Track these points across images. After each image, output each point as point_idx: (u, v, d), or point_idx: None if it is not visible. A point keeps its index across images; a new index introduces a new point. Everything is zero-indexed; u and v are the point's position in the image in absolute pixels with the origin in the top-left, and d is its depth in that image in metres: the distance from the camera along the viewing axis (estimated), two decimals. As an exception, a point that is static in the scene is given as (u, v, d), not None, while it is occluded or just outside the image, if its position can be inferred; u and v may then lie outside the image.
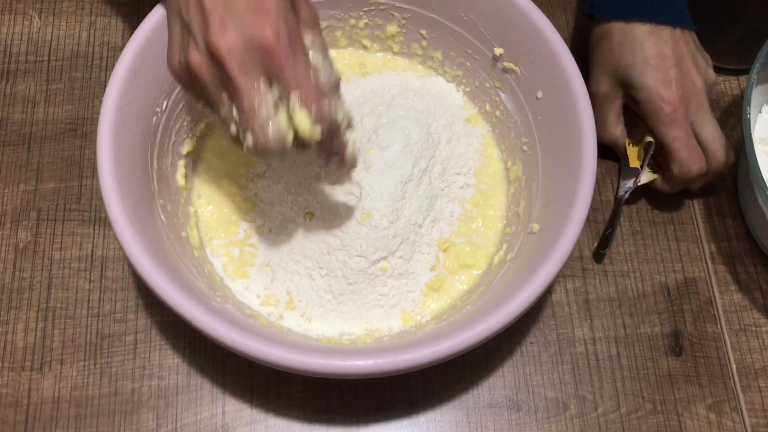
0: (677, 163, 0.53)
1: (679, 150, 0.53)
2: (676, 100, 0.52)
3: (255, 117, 0.38)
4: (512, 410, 0.52)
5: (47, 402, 0.51)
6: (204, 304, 0.42)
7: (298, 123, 0.39)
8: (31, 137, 0.59)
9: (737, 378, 0.54)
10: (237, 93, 0.38)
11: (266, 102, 0.38)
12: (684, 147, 0.53)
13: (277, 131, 0.39)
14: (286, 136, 0.40)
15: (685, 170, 0.53)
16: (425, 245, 0.52)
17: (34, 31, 0.63)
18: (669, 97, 0.52)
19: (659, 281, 0.56)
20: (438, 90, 0.59)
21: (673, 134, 0.53)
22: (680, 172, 0.54)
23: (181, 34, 0.40)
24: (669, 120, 0.52)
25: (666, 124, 0.53)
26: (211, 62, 0.38)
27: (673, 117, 0.52)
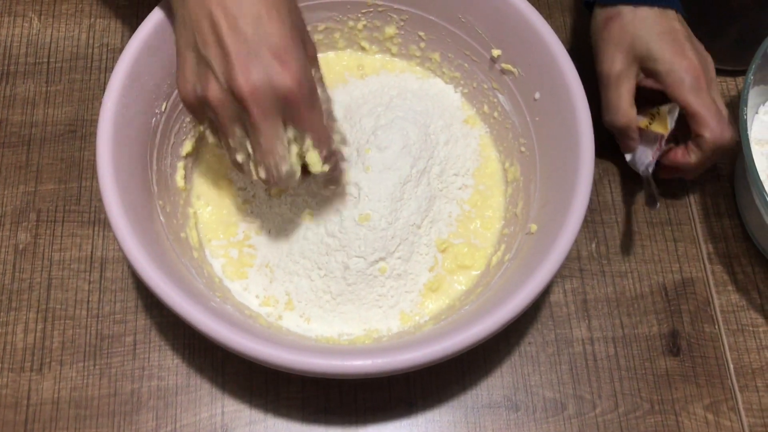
0: (710, 129, 0.51)
1: (710, 116, 0.51)
2: (698, 68, 0.52)
3: (271, 155, 0.42)
4: (510, 410, 0.52)
5: (47, 403, 0.51)
6: (203, 304, 0.42)
7: (311, 163, 0.44)
8: (30, 139, 0.59)
9: (735, 378, 0.54)
10: (256, 132, 0.41)
11: (282, 142, 0.42)
12: (715, 112, 0.51)
13: (290, 168, 0.43)
14: (296, 172, 0.44)
15: (718, 136, 0.51)
16: (424, 246, 0.53)
17: (34, 33, 0.63)
18: (691, 65, 0.51)
19: (657, 282, 0.57)
20: (436, 91, 0.59)
21: (701, 101, 0.51)
22: (713, 137, 0.51)
23: (197, 66, 0.41)
24: (695, 87, 0.51)
25: (692, 91, 0.51)
26: (230, 99, 0.40)
27: (698, 84, 0.51)
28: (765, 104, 0.58)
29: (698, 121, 0.52)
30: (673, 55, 0.52)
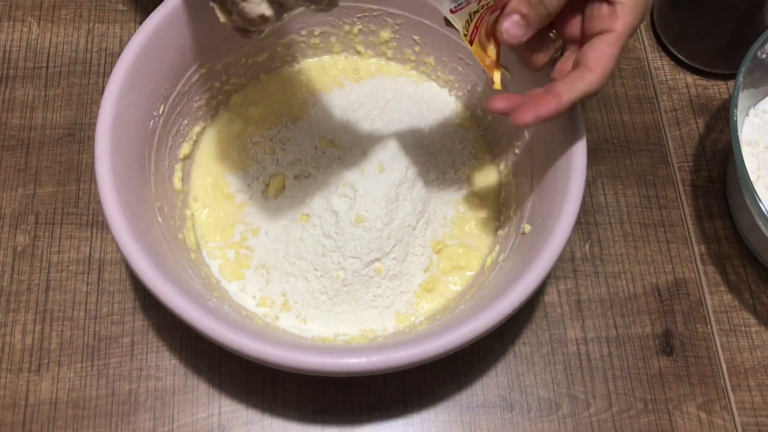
0: (600, 77, 0.41)
1: (610, 67, 0.41)
2: (642, 16, 0.41)
3: None
4: (505, 410, 0.53)
5: (45, 403, 0.51)
6: (200, 304, 0.43)
7: None
8: (29, 142, 0.60)
9: (727, 377, 0.54)
10: None
11: None
12: (614, 65, 0.41)
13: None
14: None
15: (600, 86, 0.41)
16: (419, 247, 0.53)
17: (33, 37, 0.64)
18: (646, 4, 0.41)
19: (650, 282, 0.57)
20: (431, 95, 0.59)
21: (619, 48, 0.41)
22: (597, 85, 0.41)
23: None
24: (629, 31, 0.41)
25: (625, 33, 0.41)
26: None
27: (631, 30, 0.41)
28: (755, 106, 0.59)
29: (602, 59, 0.41)
30: None
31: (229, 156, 0.56)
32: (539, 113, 0.40)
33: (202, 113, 0.56)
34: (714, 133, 0.63)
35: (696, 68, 0.65)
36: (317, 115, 0.57)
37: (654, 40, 0.67)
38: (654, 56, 0.66)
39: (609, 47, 0.40)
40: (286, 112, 0.58)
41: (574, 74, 0.41)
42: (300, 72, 0.60)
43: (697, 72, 0.65)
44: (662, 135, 0.63)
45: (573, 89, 0.40)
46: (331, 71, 0.60)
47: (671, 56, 0.66)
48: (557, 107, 0.40)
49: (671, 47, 0.66)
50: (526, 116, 0.40)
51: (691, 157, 0.62)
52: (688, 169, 0.62)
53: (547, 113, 0.40)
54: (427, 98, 0.59)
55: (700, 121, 0.63)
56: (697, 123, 0.63)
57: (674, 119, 0.63)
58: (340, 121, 0.57)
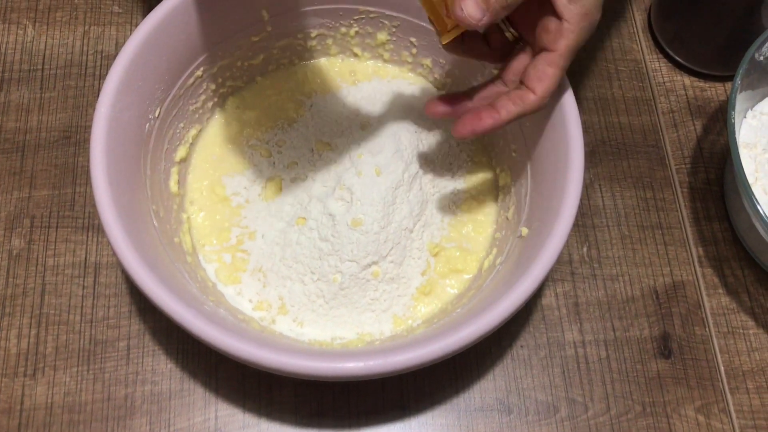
0: (543, 94, 0.42)
1: (555, 83, 0.42)
2: (591, 27, 0.42)
3: None
4: (503, 413, 0.52)
5: (40, 408, 0.51)
6: (196, 308, 0.42)
7: None
8: (24, 145, 0.59)
9: (725, 380, 0.54)
10: None
11: None
12: (558, 81, 0.42)
13: None
14: None
15: (541, 104, 0.42)
16: (416, 250, 0.53)
17: (28, 40, 0.64)
18: (593, 20, 0.41)
19: (648, 285, 0.57)
20: (428, 97, 0.59)
21: (565, 61, 0.41)
22: (539, 103, 0.42)
23: None
24: (577, 44, 0.41)
25: (572, 47, 0.41)
26: None
27: (579, 43, 0.41)
28: (752, 108, 0.59)
29: (543, 79, 0.42)
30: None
31: (226, 159, 0.56)
32: (475, 129, 0.43)
33: (198, 116, 0.56)
34: (711, 135, 0.63)
35: (693, 70, 0.65)
36: (314, 118, 0.57)
37: (651, 42, 0.67)
38: (651, 58, 0.66)
39: (550, 67, 0.41)
40: (282, 114, 0.58)
41: (515, 93, 0.43)
42: (296, 74, 0.60)
43: (695, 74, 0.65)
44: (660, 137, 0.63)
45: (513, 107, 0.43)
46: (328, 74, 0.60)
47: (669, 58, 0.66)
48: (494, 123, 0.43)
49: (668, 49, 0.65)
50: (464, 130, 0.44)
51: (688, 160, 0.62)
52: (685, 172, 0.61)
53: (483, 129, 0.43)
54: (425, 101, 0.59)
55: (698, 123, 0.63)
56: (695, 125, 0.63)
57: (672, 121, 0.63)
58: (337, 124, 0.57)
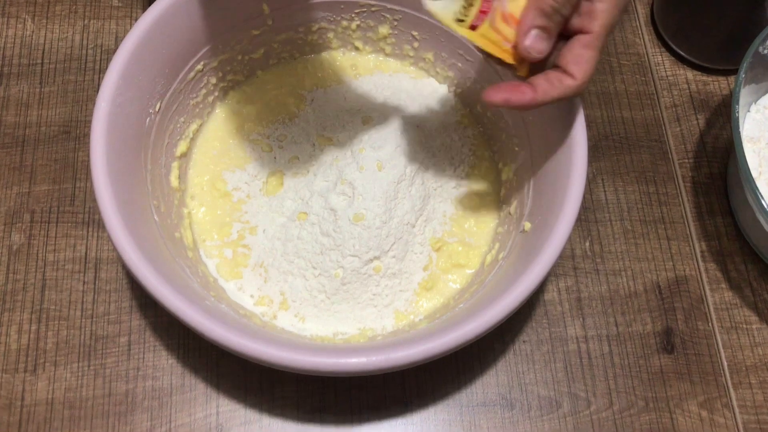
0: (583, 76, 0.40)
1: (592, 66, 0.40)
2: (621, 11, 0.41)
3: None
4: (505, 408, 0.52)
5: (41, 404, 0.51)
6: (198, 304, 0.42)
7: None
8: (24, 140, 0.59)
9: (728, 375, 0.54)
10: None
11: None
12: (595, 65, 0.41)
13: None
14: None
15: (581, 88, 0.41)
16: (418, 245, 0.53)
17: (28, 34, 0.63)
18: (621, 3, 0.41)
19: (651, 280, 0.57)
20: (430, 91, 0.59)
21: (601, 43, 0.40)
22: (578, 86, 0.40)
23: None
24: (610, 26, 0.41)
25: (606, 29, 0.40)
26: None
27: (611, 27, 0.41)
28: (756, 102, 0.59)
29: (582, 62, 0.40)
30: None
31: (226, 154, 0.56)
32: (510, 99, 0.40)
33: (198, 110, 0.55)
34: (715, 129, 0.62)
35: (696, 64, 0.65)
36: (315, 113, 0.57)
37: (654, 35, 0.67)
38: (654, 52, 0.66)
39: (586, 50, 0.40)
40: (283, 109, 0.57)
41: (553, 74, 0.40)
42: (297, 68, 0.59)
43: (698, 68, 0.65)
44: (662, 131, 0.62)
45: (551, 90, 0.40)
46: (329, 68, 0.60)
47: (671, 52, 0.66)
48: (529, 101, 0.40)
49: (671, 43, 0.65)
50: (496, 96, 0.40)
51: (691, 154, 0.62)
52: (688, 166, 0.61)
53: (517, 102, 0.40)
54: (426, 94, 0.59)
55: (701, 117, 0.63)
56: (698, 119, 0.63)
57: (675, 115, 0.63)
58: (339, 118, 0.56)
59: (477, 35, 0.40)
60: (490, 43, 0.40)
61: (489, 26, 0.39)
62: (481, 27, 0.39)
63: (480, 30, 0.39)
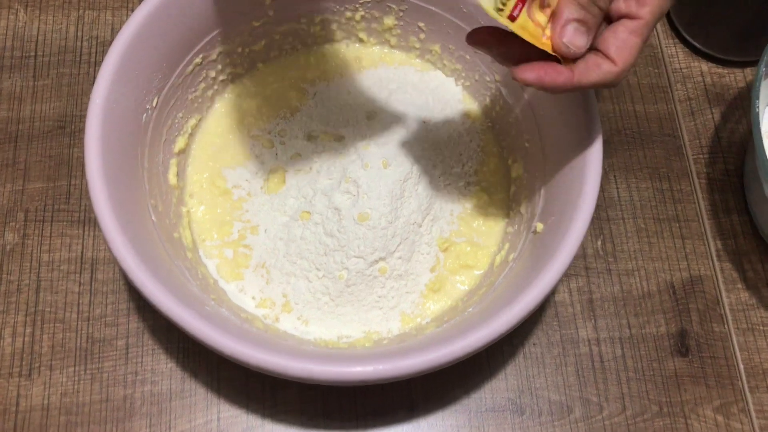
0: (624, 63, 0.37)
1: (636, 52, 0.38)
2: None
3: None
4: (515, 414, 0.51)
5: (36, 409, 0.49)
6: (196, 309, 0.40)
7: None
8: (17, 135, 0.57)
9: (745, 379, 0.52)
10: None
11: None
12: (639, 52, 0.38)
13: None
14: None
15: (622, 75, 0.38)
16: (425, 245, 0.51)
17: (20, 25, 0.61)
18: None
19: (664, 280, 0.55)
20: (437, 84, 0.57)
21: (648, 29, 0.38)
22: (620, 72, 0.37)
23: None
24: (659, 14, 0.38)
25: (655, 16, 0.38)
26: None
27: (660, 14, 0.38)
28: (775, 96, 0.57)
29: (627, 49, 0.38)
30: None
31: (226, 150, 0.54)
32: (543, 79, 0.37)
33: (197, 105, 0.53)
34: (730, 123, 0.60)
35: (712, 56, 0.63)
36: (318, 107, 0.55)
37: (668, 26, 0.64)
38: (668, 43, 0.64)
39: (633, 36, 0.37)
40: (285, 103, 0.55)
41: (591, 58, 0.37)
42: (299, 61, 0.57)
43: (713, 59, 0.63)
44: (676, 126, 0.60)
45: (589, 74, 0.37)
46: (332, 60, 0.58)
47: (686, 43, 0.64)
48: (564, 82, 0.37)
49: (686, 34, 0.63)
50: (528, 74, 0.37)
51: (706, 149, 0.60)
52: (703, 162, 0.59)
53: (551, 82, 0.37)
54: (433, 88, 0.57)
55: (716, 111, 0.61)
56: (713, 113, 0.61)
57: (689, 109, 0.61)
58: (342, 113, 0.54)
59: (517, 26, 0.37)
60: (529, 35, 0.37)
61: (526, 16, 0.37)
62: (520, 17, 0.37)
63: (519, 20, 0.37)
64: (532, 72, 0.37)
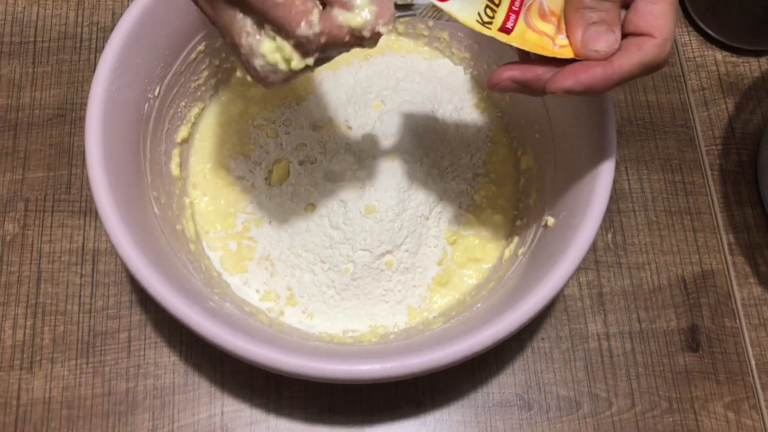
0: (664, 40, 0.33)
1: (672, 27, 0.34)
2: None
3: (238, 48, 0.34)
4: (523, 409, 0.50)
5: (38, 403, 0.49)
6: (200, 304, 0.40)
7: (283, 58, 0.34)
8: (17, 123, 0.56)
9: (756, 375, 0.52)
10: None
11: (240, 30, 0.34)
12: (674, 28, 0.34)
13: (263, 62, 0.34)
14: (275, 68, 0.34)
15: (665, 53, 0.34)
16: (432, 238, 0.50)
17: (19, 10, 0.60)
18: None
19: (675, 274, 0.54)
20: (445, 73, 0.56)
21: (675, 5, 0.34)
22: (662, 52, 0.34)
23: None
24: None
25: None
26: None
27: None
28: (792, 87, 0.56)
29: (657, 18, 0.34)
30: None
31: (230, 140, 0.53)
32: (580, 78, 0.33)
33: (200, 93, 0.52)
34: (744, 114, 0.59)
35: (726, 44, 0.61)
36: (324, 96, 0.54)
37: (681, 14, 0.63)
38: (681, 32, 0.62)
39: (657, 3, 0.33)
40: (289, 92, 0.54)
41: (628, 42, 0.33)
42: (305, 48, 0.56)
43: (727, 48, 0.61)
44: (689, 116, 0.59)
45: (629, 57, 0.33)
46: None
47: (699, 31, 0.62)
48: (604, 74, 0.33)
49: (700, 22, 0.62)
50: (565, 81, 0.33)
51: (719, 140, 0.58)
52: (716, 153, 0.58)
53: (590, 80, 0.33)
54: (441, 77, 0.55)
55: (730, 101, 0.60)
56: (727, 103, 0.60)
57: (702, 99, 0.60)
58: (348, 103, 0.53)
59: (515, 38, 0.34)
60: (533, 45, 0.34)
61: (525, 26, 0.34)
62: (516, 28, 0.34)
63: (516, 32, 0.34)
64: (567, 78, 0.33)
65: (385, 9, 0.32)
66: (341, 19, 0.32)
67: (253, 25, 0.33)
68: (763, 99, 0.59)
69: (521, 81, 0.35)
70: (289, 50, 0.33)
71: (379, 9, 0.32)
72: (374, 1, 0.32)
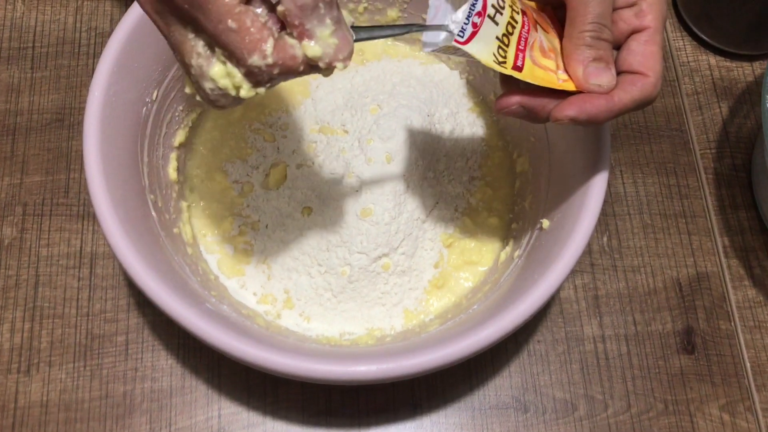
0: (655, 75, 0.36)
1: (660, 61, 0.37)
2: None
3: (189, 69, 0.33)
4: (519, 411, 0.50)
5: (35, 406, 0.49)
6: (197, 306, 0.40)
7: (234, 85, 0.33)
8: (15, 128, 0.56)
9: (751, 377, 0.52)
10: None
11: (189, 54, 0.32)
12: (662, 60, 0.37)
13: (213, 85, 0.32)
14: (225, 92, 0.33)
15: (656, 88, 0.36)
16: (428, 241, 0.50)
17: (18, 16, 0.60)
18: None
19: (671, 276, 0.54)
20: (441, 78, 0.56)
21: (661, 39, 0.37)
22: (659, 24, 0.37)
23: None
24: (663, 21, 0.38)
25: (662, 22, 0.37)
26: None
27: (664, 21, 0.38)
28: (785, 91, 0.56)
29: (649, 58, 0.37)
30: None
31: (227, 144, 0.53)
32: (584, 108, 0.35)
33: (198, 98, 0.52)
34: (738, 118, 0.60)
35: (720, 49, 0.62)
36: (320, 100, 0.54)
37: (675, 19, 0.63)
38: (675, 36, 0.63)
39: (648, 46, 0.36)
40: (287, 96, 0.55)
41: (623, 79, 0.36)
42: (302, 53, 0.56)
43: (721, 53, 0.62)
44: (684, 120, 0.60)
45: (626, 94, 0.35)
46: None
47: (693, 36, 0.63)
48: (606, 105, 0.35)
49: (694, 27, 0.62)
50: (569, 110, 0.35)
51: (714, 144, 0.59)
52: (711, 157, 0.58)
53: (594, 110, 0.35)
54: (437, 81, 0.56)
55: (724, 105, 0.60)
56: (721, 107, 0.60)
57: (696, 103, 0.60)
58: (345, 107, 0.54)
59: (526, 75, 0.35)
60: (541, 80, 0.36)
61: (531, 63, 0.36)
62: (525, 66, 0.35)
63: (526, 69, 0.35)
64: (572, 107, 0.35)
65: (345, 43, 0.31)
66: (297, 49, 0.31)
67: (205, 47, 0.32)
68: (757, 103, 0.60)
69: (528, 107, 0.37)
70: (240, 78, 0.31)
71: (340, 43, 0.31)
72: (336, 34, 0.31)
